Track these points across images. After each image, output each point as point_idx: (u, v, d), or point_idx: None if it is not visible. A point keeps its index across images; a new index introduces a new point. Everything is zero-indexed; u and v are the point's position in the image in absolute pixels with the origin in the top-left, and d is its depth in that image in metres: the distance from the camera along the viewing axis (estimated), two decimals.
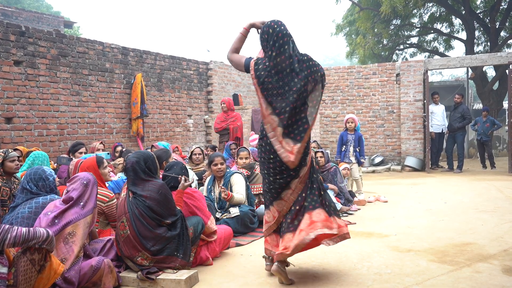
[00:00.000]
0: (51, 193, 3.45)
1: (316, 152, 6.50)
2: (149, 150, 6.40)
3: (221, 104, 8.81)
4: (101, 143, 6.62)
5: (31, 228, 2.66)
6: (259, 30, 3.40)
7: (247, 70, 3.39)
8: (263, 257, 3.57)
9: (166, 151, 5.61)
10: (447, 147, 11.03)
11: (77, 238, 3.11)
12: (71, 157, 5.70)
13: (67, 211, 3.15)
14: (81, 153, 5.74)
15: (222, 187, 4.94)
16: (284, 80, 3.23)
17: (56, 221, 3.09)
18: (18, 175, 4.64)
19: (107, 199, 3.87)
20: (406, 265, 3.69)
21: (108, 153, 5.93)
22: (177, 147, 7.76)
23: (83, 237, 3.15)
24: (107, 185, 4.29)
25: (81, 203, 3.23)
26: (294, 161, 3.24)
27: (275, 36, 3.25)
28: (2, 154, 4.35)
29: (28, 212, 3.26)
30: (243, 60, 3.43)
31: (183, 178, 3.89)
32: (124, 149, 6.81)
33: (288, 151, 3.23)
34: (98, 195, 3.57)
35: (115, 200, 3.82)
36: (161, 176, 3.88)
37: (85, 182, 3.33)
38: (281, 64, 3.24)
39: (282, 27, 3.29)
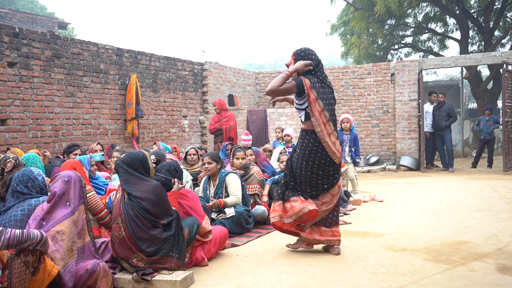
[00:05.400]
0: (42, 194, 3.42)
1: None
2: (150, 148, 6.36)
3: (213, 107, 8.82)
4: (98, 143, 6.59)
5: (25, 230, 2.65)
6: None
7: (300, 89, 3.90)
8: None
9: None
10: (438, 147, 11.03)
11: (65, 237, 3.10)
12: (65, 158, 5.67)
13: (54, 212, 3.13)
14: (76, 154, 5.71)
15: (213, 198, 4.93)
16: (326, 89, 3.99)
17: (43, 223, 3.07)
18: None
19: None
20: (401, 264, 3.71)
21: (102, 154, 5.91)
22: (175, 147, 7.72)
23: (72, 235, 3.13)
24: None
25: (67, 203, 3.21)
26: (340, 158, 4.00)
27: (319, 60, 4.02)
28: (13, 161, 4.13)
29: (21, 215, 3.23)
30: (294, 82, 3.88)
31: (176, 181, 3.87)
32: (115, 146, 6.78)
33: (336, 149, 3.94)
34: None
35: (93, 192, 3.79)
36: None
37: (66, 179, 3.28)
38: (325, 80, 4.02)
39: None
